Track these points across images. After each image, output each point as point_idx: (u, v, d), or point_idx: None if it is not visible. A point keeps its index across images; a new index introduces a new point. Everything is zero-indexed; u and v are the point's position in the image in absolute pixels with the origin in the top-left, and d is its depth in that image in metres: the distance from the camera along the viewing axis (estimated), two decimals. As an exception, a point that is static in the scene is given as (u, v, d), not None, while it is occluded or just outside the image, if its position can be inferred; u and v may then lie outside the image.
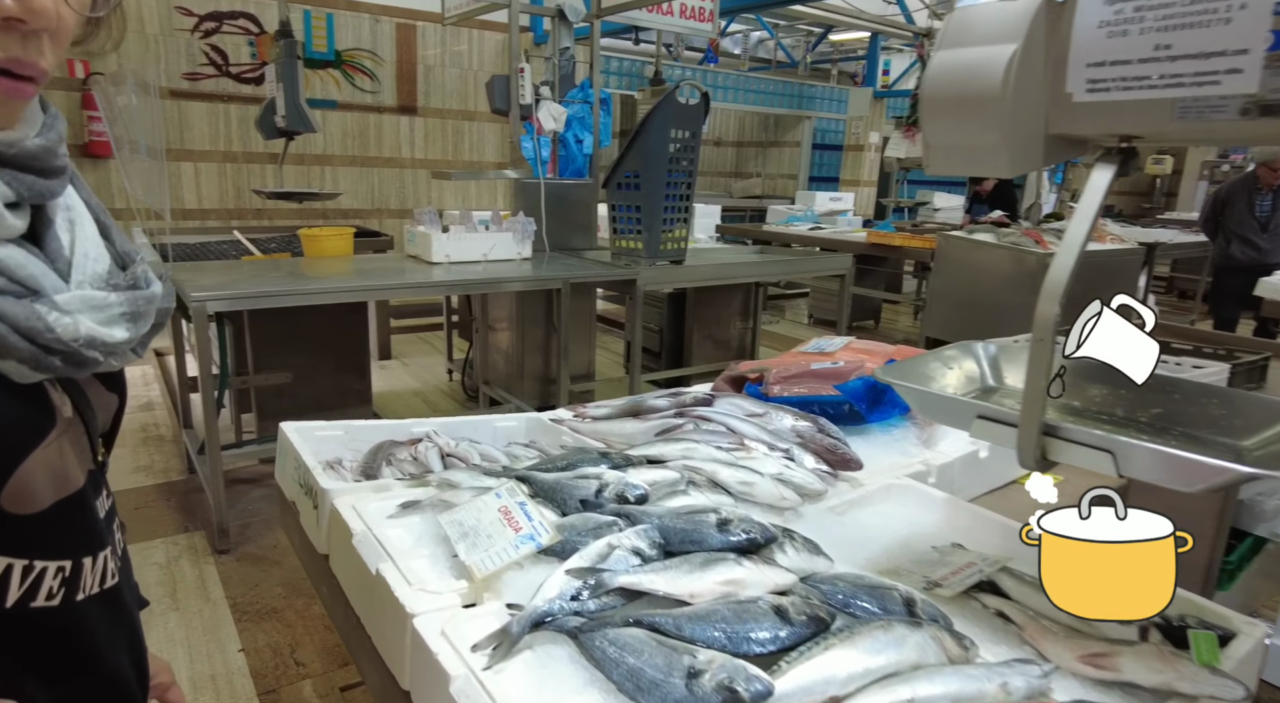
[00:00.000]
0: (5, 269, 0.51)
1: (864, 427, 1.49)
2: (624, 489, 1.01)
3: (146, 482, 3.21)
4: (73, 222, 0.58)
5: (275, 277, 2.95)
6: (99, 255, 0.59)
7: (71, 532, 0.59)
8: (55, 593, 0.57)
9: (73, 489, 0.58)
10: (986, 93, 0.79)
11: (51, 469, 0.55)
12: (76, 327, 0.53)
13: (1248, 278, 5.28)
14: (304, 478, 1.19)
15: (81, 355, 0.54)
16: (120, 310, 0.57)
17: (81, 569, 0.60)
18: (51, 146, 0.54)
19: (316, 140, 7.47)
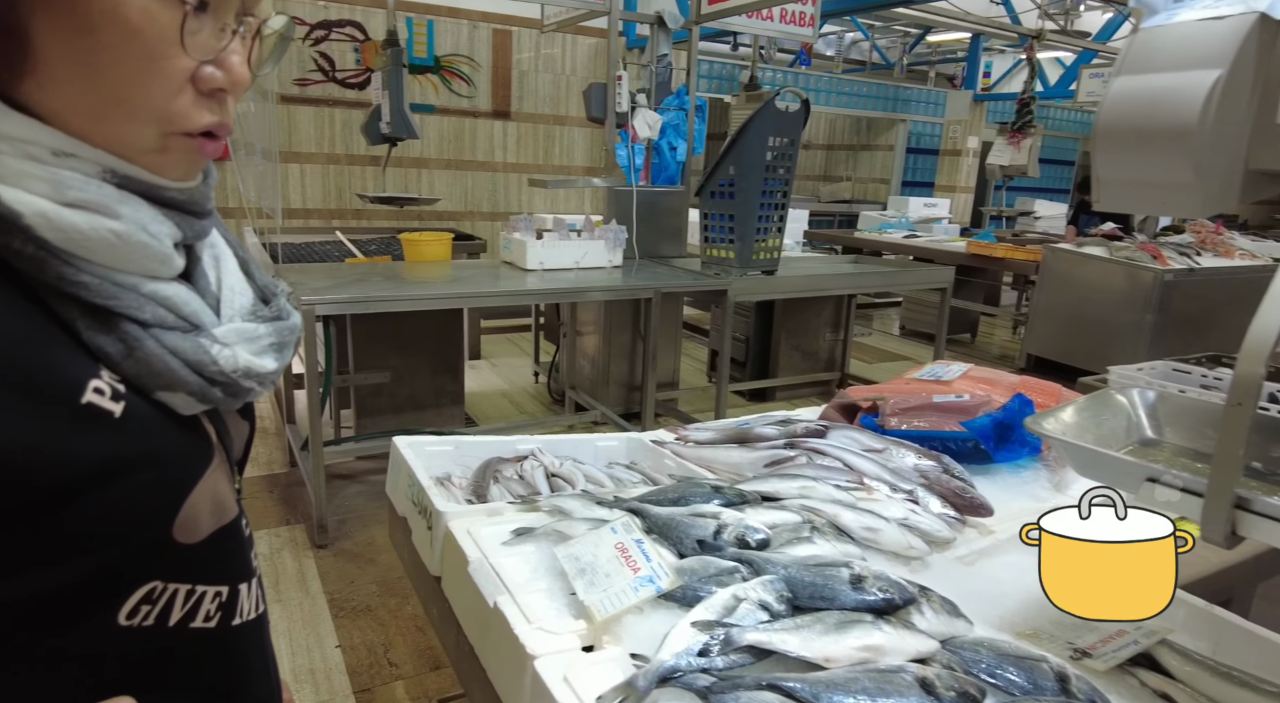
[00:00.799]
0: (173, 306, 0.53)
1: (990, 467, 1.40)
2: (744, 532, 0.96)
3: (252, 473, 3.36)
4: (217, 258, 0.61)
5: (378, 281, 3.03)
6: (243, 290, 0.61)
7: (228, 559, 0.61)
8: (213, 615, 0.59)
9: (230, 517, 0.60)
10: (1180, 124, 0.71)
11: (213, 498, 0.57)
12: (236, 358, 0.56)
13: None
14: (418, 496, 1.20)
15: (239, 386, 0.56)
16: (269, 341, 0.59)
17: (238, 595, 0.62)
18: (208, 191, 0.58)
19: (414, 144, 7.70)
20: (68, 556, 0.48)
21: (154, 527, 0.53)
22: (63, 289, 0.48)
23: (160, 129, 0.51)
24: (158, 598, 0.54)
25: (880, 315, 8.14)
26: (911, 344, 6.82)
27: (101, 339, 0.50)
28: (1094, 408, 0.99)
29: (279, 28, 0.59)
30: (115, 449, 0.49)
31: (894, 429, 1.45)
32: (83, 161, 0.49)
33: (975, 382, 1.73)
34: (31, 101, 0.48)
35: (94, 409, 0.48)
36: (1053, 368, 5.84)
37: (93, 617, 0.51)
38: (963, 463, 1.36)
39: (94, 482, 0.48)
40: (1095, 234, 5.94)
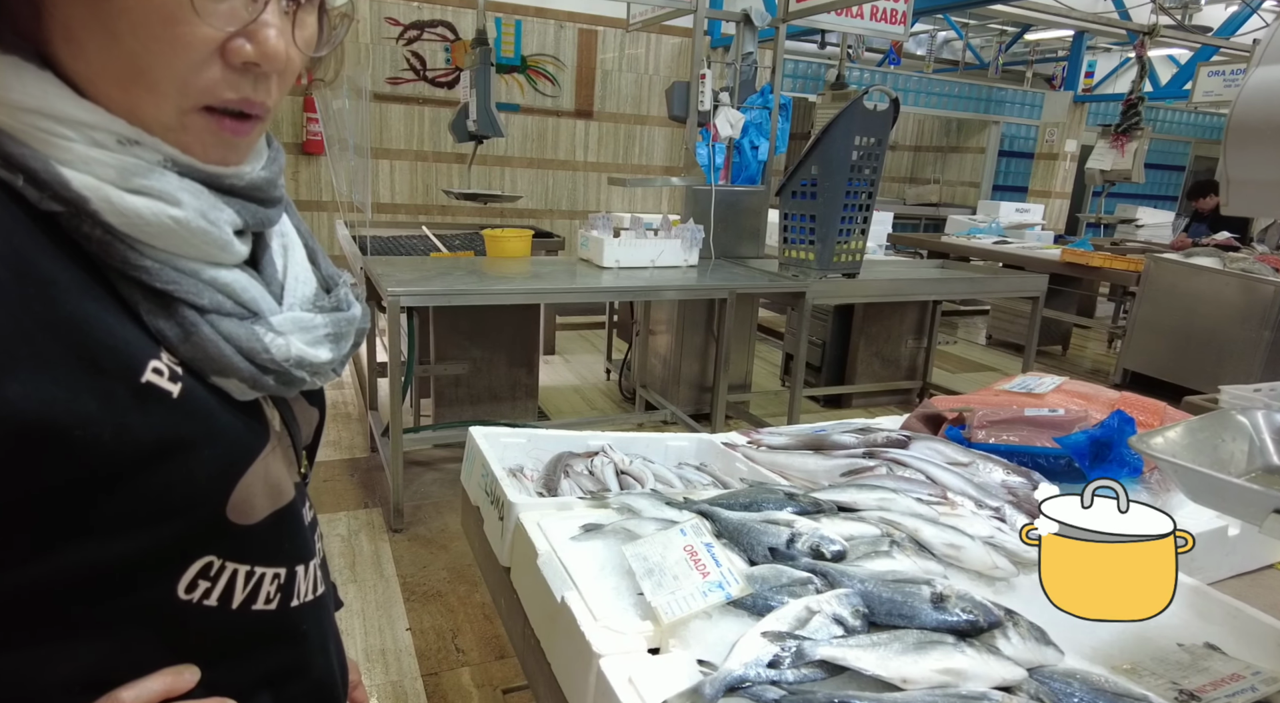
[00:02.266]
0: (231, 293, 0.54)
1: (1084, 486, 1.31)
2: (819, 543, 0.93)
3: (334, 456, 3.50)
4: (286, 247, 0.62)
5: (460, 275, 3.10)
6: (307, 279, 0.62)
7: (286, 541, 0.62)
8: (273, 598, 0.60)
9: (286, 501, 0.60)
10: (1333, 120, 0.64)
11: (267, 481, 0.58)
12: (288, 347, 0.56)
13: None
14: (490, 487, 1.21)
15: (291, 375, 0.57)
16: (325, 331, 0.59)
17: (295, 577, 0.62)
18: (273, 178, 0.58)
19: (498, 143, 7.86)
20: (122, 529, 0.50)
21: (207, 506, 0.54)
22: (126, 272, 0.50)
23: (180, 104, 0.49)
24: (216, 575, 0.55)
25: (966, 324, 7.83)
26: (999, 355, 6.54)
27: (161, 322, 0.51)
28: (1210, 429, 0.91)
29: (339, 4, 0.58)
30: (171, 428, 0.51)
31: (981, 442, 1.38)
32: (146, 150, 0.50)
33: (1070, 396, 1.63)
34: (65, 67, 0.48)
35: (153, 389, 0.49)
36: (1152, 385, 5.49)
37: (152, 588, 0.53)
38: (1055, 482, 1.28)
39: (150, 459, 0.50)
40: (1208, 243, 5.56)
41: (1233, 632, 1.00)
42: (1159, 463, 0.80)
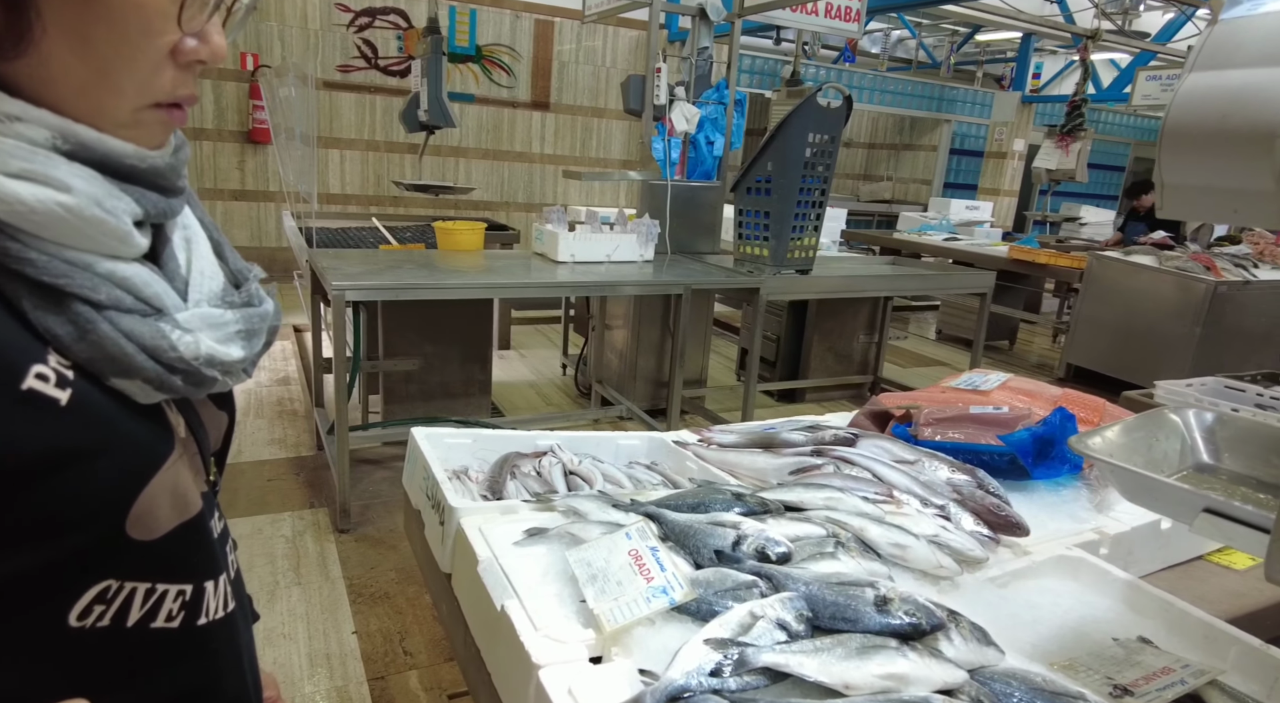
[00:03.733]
0: (131, 288, 0.51)
1: (1027, 484, 1.33)
2: (764, 545, 0.92)
3: (279, 454, 3.40)
4: (189, 240, 0.58)
5: (410, 269, 3.03)
6: (214, 273, 0.58)
7: (192, 556, 0.58)
8: (175, 615, 0.56)
9: (192, 512, 0.57)
10: (1265, 126, 0.65)
11: (173, 492, 0.54)
12: (198, 345, 0.53)
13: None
14: (431, 490, 1.17)
15: (201, 374, 0.54)
16: (236, 328, 0.56)
17: (203, 594, 0.59)
18: (177, 166, 0.55)
19: (453, 133, 7.75)
20: (6, 550, 0.46)
21: (104, 522, 0.50)
22: (8, 266, 0.46)
23: (136, 103, 0.50)
24: (113, 598, 0.51)
25: (917, 319, 7.98)
26: (948, 349, 6.68)
27: (51, 320, 0.47)
28: (1145, 428, 0.93)
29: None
30: (61, 438, 0.47)
31: (927, 440, 1.39)
32: (30, 126, 0.46)
33: (1014, 393, 1.66)
34: (13, 78, 0.46)
35: (36, 396, 0.45)
36: (1094, 379, 5.67)
37: (39, 617, 0.49)
38: (999, 479, 1.30)
39: (36, 473, 0.45)
40: (1145, 242, 5.74)
41: (1164, 625, 1.02)
42: (1096, 464, 0.81)
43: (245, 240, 7.10)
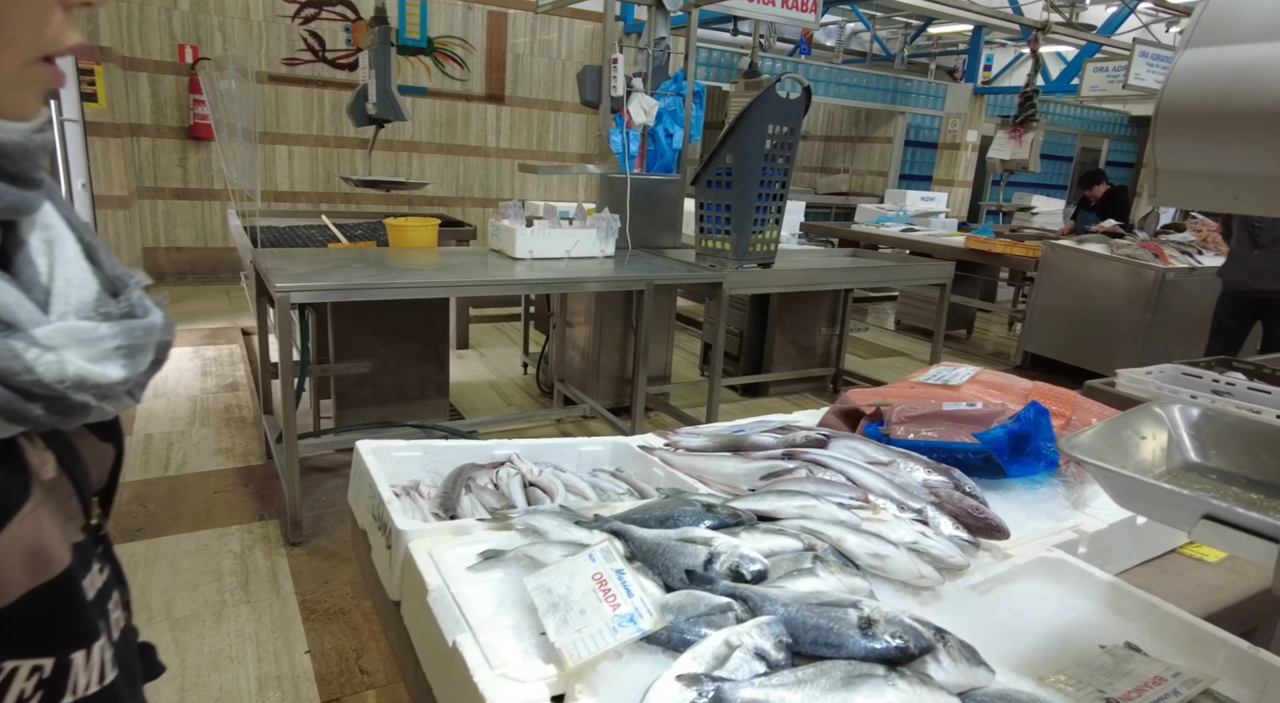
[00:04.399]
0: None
1: (1003, 482, 1.29)
2: (739, 563, 0.85)
3: (227, 465, 3.25)
4: (51, 243, 0.49)
5: (360, 268, 2.91)
6: (84, 281, 0.49)
7: (53, 624, 0.48)
8: (30, 696, 0.46)
9: (54, 573, 0.47)
10: (1272, 104, 0.60)
11: (26, 550, 0.45)
12: (63, 366, 0.43)
13: (1239, 306, 4.26)
14: (378, 510, 1.09)
15: (69, 400, 0.44)
16: (114, 344, 0.47)
17: (70, 667, 0.48)
18: (31, 150, 0.46)
19: (405, 127, 7.56)
20: None
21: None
22: None
23: (27, 55, 0.45)
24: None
25: (875, 310, 8.04)
26: (907, 340, 6.73)
27: None
28: (1131, 425, 0.89)
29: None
30: None
31: (900, 439, 1.35)
32: None
33: (985, 387, 1.63)
34: None
35: None
36: (1050, 366, 5.76)
37: None
38: (975, 478, 1.26)
39: None
40: (1096, 231, 5.85)
41: (1150, 628, 0.99)
42: (1088, 468, 0.77)
43: (190, 241, 6.83)
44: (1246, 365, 2.67)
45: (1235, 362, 2.71)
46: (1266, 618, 1.32)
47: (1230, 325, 4.36)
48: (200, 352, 4.79)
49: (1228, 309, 4.37)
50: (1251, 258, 4.15)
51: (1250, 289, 4.19)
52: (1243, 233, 4.19)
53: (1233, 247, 4.31)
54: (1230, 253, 4.36)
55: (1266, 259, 4.10)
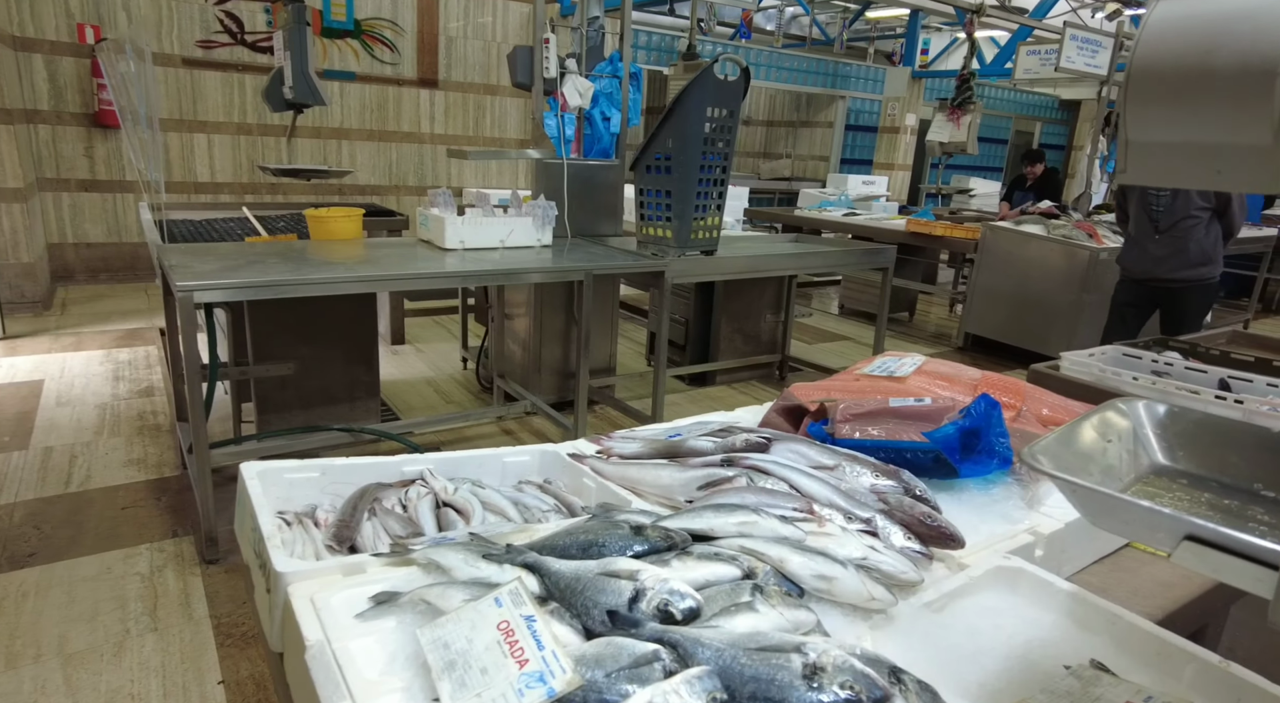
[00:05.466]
0: None
1: (955, 482, 1.22)
2: (668, 600, 0.75)
3: (138, 477, 3.01)
4: None
5: (275, 263, 2.71)
6: None
7: None
8: None
9: None
10: (1262, 61, 0.51)
11: None
12: None
13: (1138, 295, 3.96)
14: (258, 546, 0.95)
15: None
16: None
17: None
18: None
19: (334, 113, 7.23)
20: None
21: None
22: None
23: None
24: None
25: (819, 294, 8.05)
26: (851, 324, 6.75)
27: None
28: (1097, 428, 0.81)
29: None
30: None
31: (845, 438, 1.26)
32: None
33: (932, 378, 1.56)
34: None
35: None
36: (992, 347, 5.84)
37: None
38: (924, 478, 1.18)
39: None
40: (1033, 212, 5.93)
41: (1113, 641, 0.92)
42: (1057, 483, 0.68)
43: (102, 236, 6.41)
44: (1182, 345, 2.69)
45: (1171, 342, 2.73)
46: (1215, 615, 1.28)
47: (1129, 315, 4.06)
48: (113, 355, 4.48)
49: (1126, 298, 4.07)
50: (1152, 243, 3.86)
51: (1150, 277, 3.89)
52: (1142, 216, 3.90)
53: (1130, 231, 4.01)
54: (1128, 238, 4.06)
55: (1167, 245, 3.82)
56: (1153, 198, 3.84)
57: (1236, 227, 3.81)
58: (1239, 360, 2.48)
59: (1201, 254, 3.77)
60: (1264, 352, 2.73)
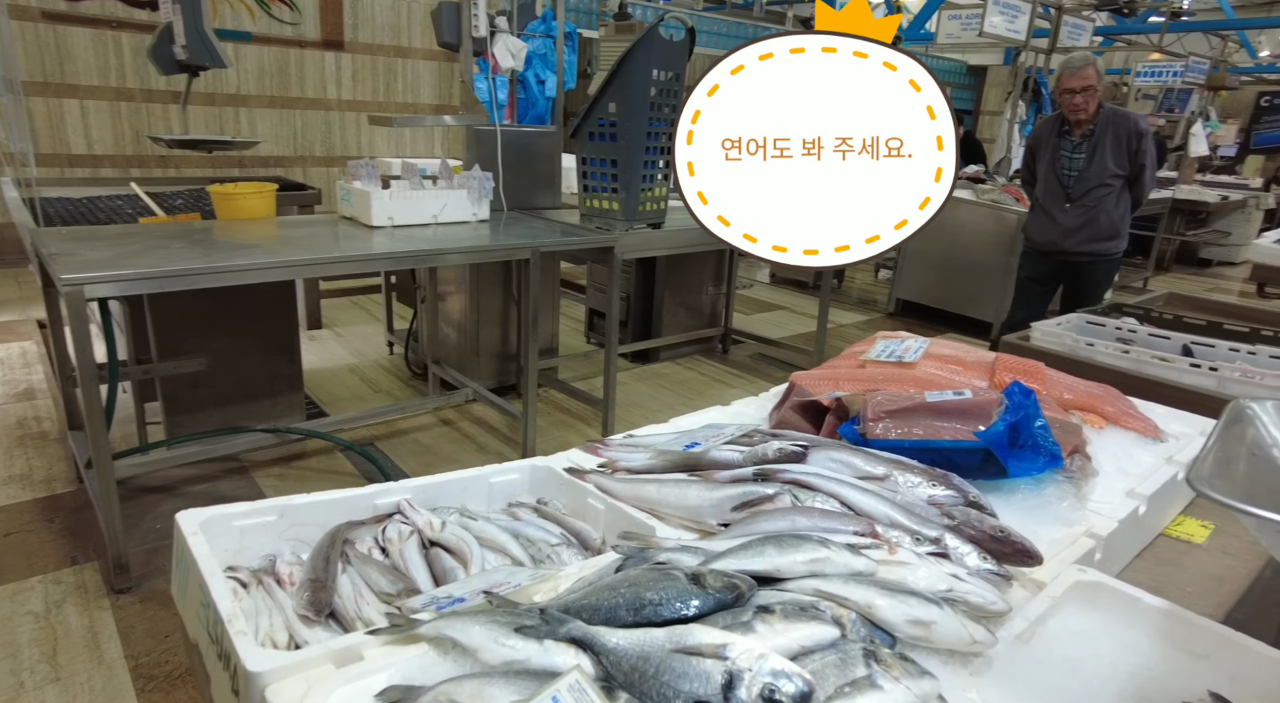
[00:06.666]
0: None
1: (1002, 483, 1.11)
2: (774, 686, 0.59)
3: (23, 496, 2.64)
4: None
5: (180, 248, 2.38)
6: None
7: None
8: None
9: None
10: None
11: None
12: None
13: (1044, 269, 3.69)
14: (214, 628, 0.74)
15: None
16: None
17: None
18: None
19: (229, 78, 6.61)
20: None
21: None
22: None
23: None
24: None
25: (748, 264, 8.00)
26: (785, 293, 6.74)
27: None
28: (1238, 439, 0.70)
29: None
30: None
31: (880, 439, 1.13)
32: None
33: (944, 362, 1.45)
34: None
35: None
36: (922, 311, 5.93)
37: None
38: (971, 480, 1.07)
39: None
40: (961, 176, 6.01)
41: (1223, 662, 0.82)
42: (1251, 523, 0.57)
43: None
44: (1136, 310, 2.72)
45: (1125, 307, 2.76)
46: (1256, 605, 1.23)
47: (1034, 292, 3.77)
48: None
49: (1031, 272, 3.77)
50: (1062, 212, 3.56)
51: (1056, 249, 3.61)
52: (1053, 181, 3.58)
53: (1038, 198, 3.69)
54: (1034, 206, 3.74)
55: (1078, 215, 3.52)
56: (1065, 160, 3.55)
57: (1146, 195, 3.60)
58: (1192, 325, 2.52)
59: (1111, 227, 3.56)
60: (1206, 314, 2.80)
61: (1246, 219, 8.51)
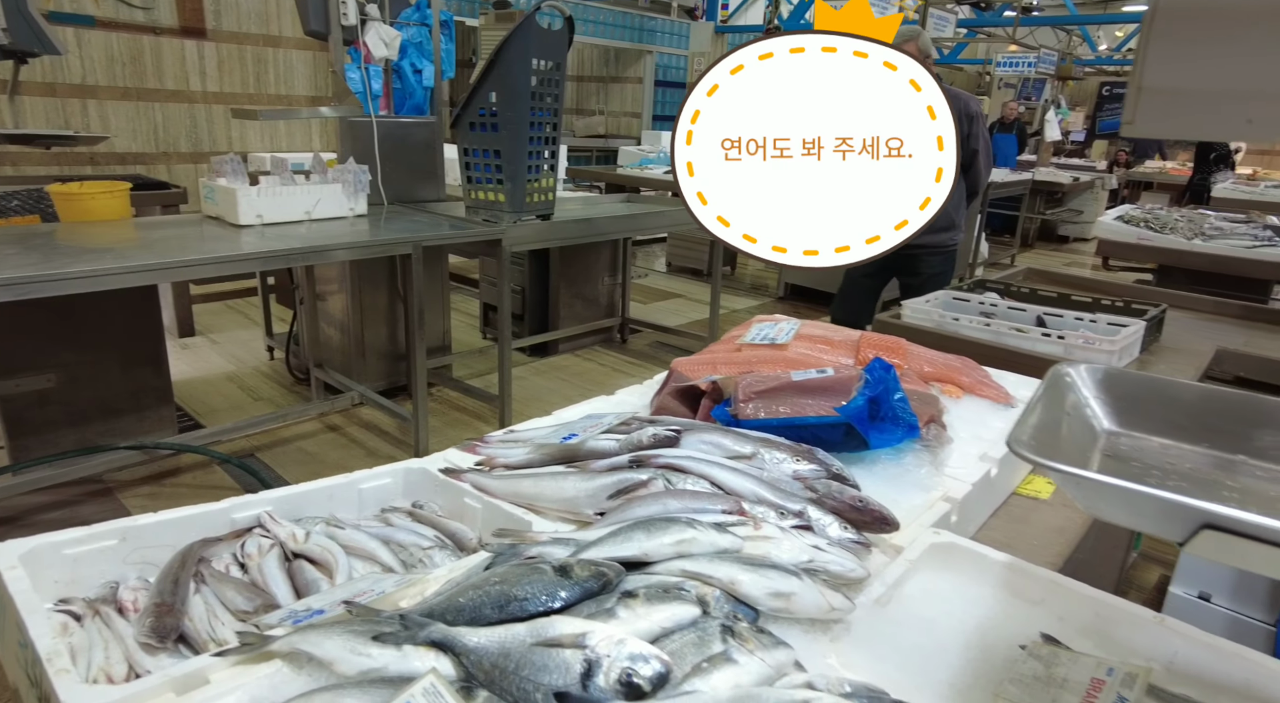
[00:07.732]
0: None
1: (864, 455, 1.17)
2: (631, 669, 0.60)
3: None
4: None
5: (15, 255, 2.17)
6: None
7: None
8: None
9: None
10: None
11: None
12: None
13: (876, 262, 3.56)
14: (34, 671, 0.68)
15: None
16: None
17: None
18: None
19: (72, 66, 6.06)
20: None
21: None
22: None
23: None
24: None
25: (645, 253, 8.09)
26: (681, 281, 6.83)
27: None
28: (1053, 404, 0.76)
29: None
30: None
31: (750, 419, 1.17)
32: None
33: (814, 343, 1.51)
34: None
35: None
36: (811, 295, 6.16)
37: None
38: (835, 454, 1.12)
39: None
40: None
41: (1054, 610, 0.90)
42: (1057, 477, 0.62)
43: None
44: (997, 285, 2.91)
45: (988, 282, 2.95)
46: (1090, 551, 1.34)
47: (863, 286, 3.47)
48: None
49: (861, 267, 3.55)
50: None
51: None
52: None
53: None
54: None
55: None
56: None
57: (982, 183, 3.43)
58: (1046, 297, 2.72)
59: (944, 217, 3.38)
60: (1058, 286, 3.03)
61: (1095, 198, 9.27)
